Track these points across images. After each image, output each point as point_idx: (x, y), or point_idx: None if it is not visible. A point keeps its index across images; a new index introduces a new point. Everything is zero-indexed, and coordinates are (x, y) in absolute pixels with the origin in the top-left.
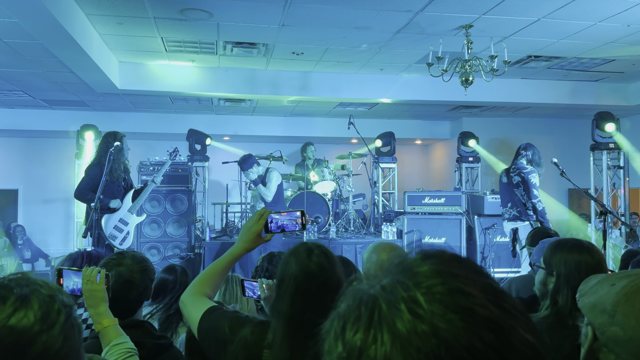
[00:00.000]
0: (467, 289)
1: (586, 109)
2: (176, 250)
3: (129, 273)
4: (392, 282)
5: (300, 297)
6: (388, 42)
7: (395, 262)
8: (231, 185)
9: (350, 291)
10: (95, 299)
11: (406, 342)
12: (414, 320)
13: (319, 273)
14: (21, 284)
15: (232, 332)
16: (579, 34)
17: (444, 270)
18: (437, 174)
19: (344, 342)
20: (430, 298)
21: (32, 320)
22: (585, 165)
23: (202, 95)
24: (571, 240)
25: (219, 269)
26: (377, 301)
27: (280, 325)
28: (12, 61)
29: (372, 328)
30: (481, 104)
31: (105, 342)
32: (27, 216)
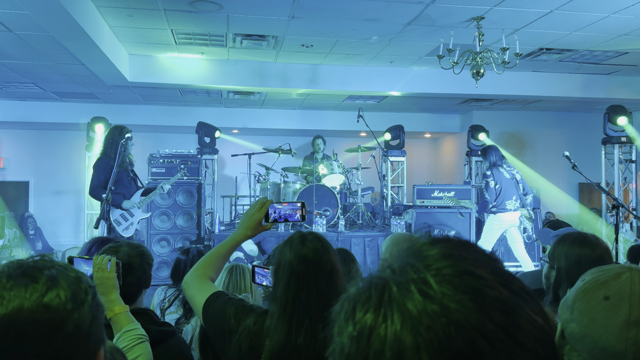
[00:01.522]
0: (477, 271)
1: (598, 102)
2: (186, 242)
3: (126, 257)
4: (402, 265)
5: (295, 280)
6: (398, 34)
7: (404, 247)
8: (240, 178)
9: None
10: (106, 286)
11: (416, 322)
12: (424, 300)
13: (313, 256)
14: (47, 265)
15: (237, 321)
16: (591, 26)
17: (453, 253)
18: (446, 168)
19: (354, 321)
20: (440, 279)
21: (64, 299)
22: (596, 159)
23: (212, 87)
24: (574, 234)
25: (222, 253)
26: (387, 283)
27: (277, 308)
28: (24, 53)
29: (382, 308)
30: (492, 97)
31: (117, 328)
32: (38, 208)
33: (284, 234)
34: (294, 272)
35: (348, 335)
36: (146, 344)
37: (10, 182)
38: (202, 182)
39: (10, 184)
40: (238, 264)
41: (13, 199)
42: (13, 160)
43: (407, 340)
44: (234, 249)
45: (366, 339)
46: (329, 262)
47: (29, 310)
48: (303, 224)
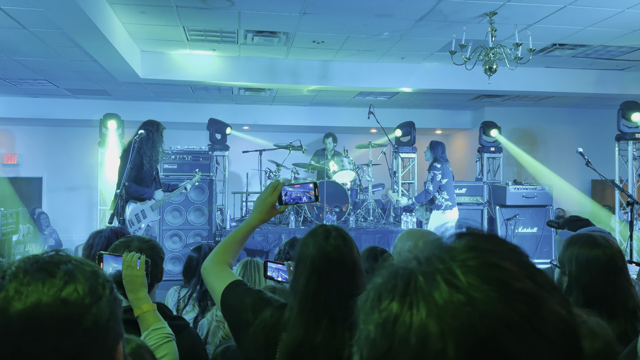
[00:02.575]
0: (502, 263)
1: (611, 98)
2: (197, 238)
3: (138, 250)
4: (428, 256)
5: (316, 278)
6: (410, 29)
7: (430, 240)
8: (251, 175)
9: (386, 267)
10: (135, 284)
11: (442, 310)
12: (450, 290)
13: (336, 255)
14: (63, 260)
15: (254, 313)
16: (606, 21)
17: (479, 246)
18: (457, 164)
19: (380, 309)
20: (466, 270)
21: (82, 293)
22: (610, 155)
23: (223, 84)
24: (584, 236)
25: (238, 238)
26: (413, 273)
27: (296, 304)
28: (37, 50)
29: (408, 296)
30: (504, 93)
31: (145, 326)
32: (51, 204)
33: (294, 230)
34: (315, 269)
35: (374, 322)
36: (173, 343)
37: (24, 178)
38: (214, 179)
39: (24, 180)
40: (252, 258)
41: (27, 194)
42: (26, 157)
43: (432, 328)
44: (249, 234)
45: (391, 325)
46: (351, 262)
47: (47, 305)
48: (314, 220)
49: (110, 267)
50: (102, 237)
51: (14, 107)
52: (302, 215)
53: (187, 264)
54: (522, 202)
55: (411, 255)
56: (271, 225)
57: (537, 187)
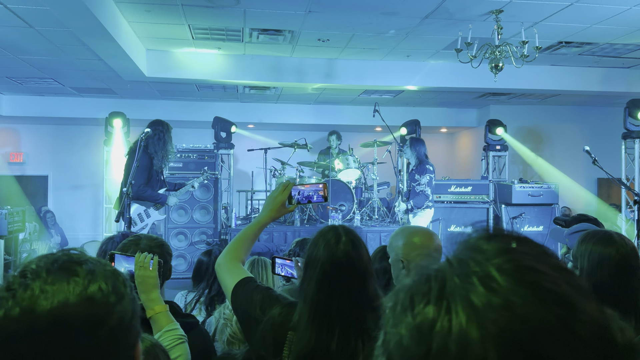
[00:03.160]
0: (538, 266)
1: (618, 96)
2: (203, 236)
3: (147, 249)
4: (461, 259)
5: (327, 284)
6: (415, 27)
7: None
8: (256, 173)
9: (415, 268)
10: (147, 285)
11: (482, 315)
12: (487, 293)
13: (346, 262)
14: (82, 259)
15: (262, 310)
16: (612, 18)
17: (513, 248)
18: (462, 163)
19: (414, 313)
20: (502, 273)
21: (106, 292)
22: (616, 154)
23: (228, 83)
24: (600, 232)
25: (250, 234)
26: (448, 275)
27: (307, 309)
28: (43, 49)
29: (444, 300)
30: (509, 91)
31: (157, 327)
32: (57, 202)
33: (299, 229)
34: (326, 275)
35: (406, 327)
36: (185, 344)
37: (30, 177)
38: (219, 177)
39: (30, 178)
40: (260, 257)
41: (32, 192)
42: (32, 155)
43: (473, 334)
44: (260, 231)
45: (428, 331)
46: (362, 267)
47: (74, 305)
48: (319, 218)
49: (122, 268)
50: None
51: (20, 106)
52: (307, 213)
53: (196, 268)
54: (527, 200)
55: (439, 259)
56: (277, 223)
57: (543, 186)
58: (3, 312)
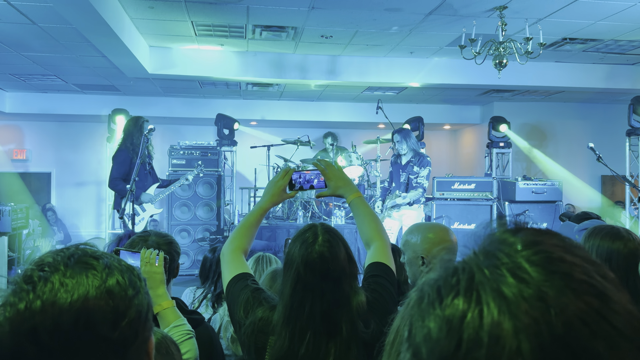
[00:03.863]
0: (569, 258)
1: (622, 93)
2: (206, 233)
3: (156, 245)
4: (487, 251)
5: (301, 287)
6: (419, 24)
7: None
8: (259, 170)
9: (439, 262)
10: (154, 280)
11: (514, 306)
12: (518, 284)
13: (320, 263)
14: (97, 254)
15: (245, 313)
16: (617, 15)
17: (539, 240)
18: (465, 160)
19: (442, 305)
20: (532, 264)
21: (124, 285)
22: (620, 151)
23: (231, 79)
24: (606, 227)
25: (253, 221)
26: (475, 267)
27: (282, 312)
28: (46, 46)
29: (473, 291)
30: (513, 88)
31: (165, 323)
32: (60, 199)
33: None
34: (300, 278)
35: (435, 319)
36: (194, 340)
37: (33, 173)
38: (222, 174)
39: (33, 175)
40: (265, 254)
41: (36, 189)
42: (35, 152)
43: (506, 325)
44: (262, 217)
45: (458, 323)
46: (337, 269)
47: (95, 297)
48: (322, 215)
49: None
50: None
51: (23, 103)
52: (310, 210)
53: (202, 265)
54: (531, 197)
55: (466, 250)
56: (279, 220)
57: (547, 183)
58: (24, 305)
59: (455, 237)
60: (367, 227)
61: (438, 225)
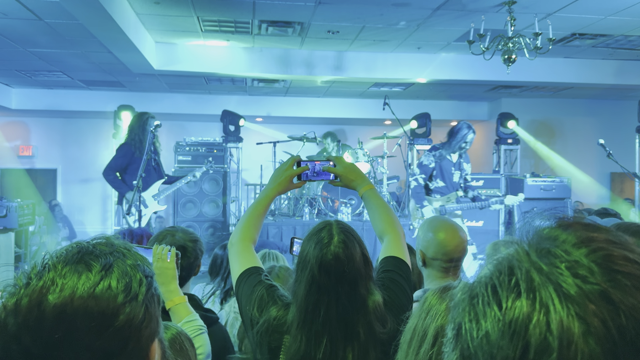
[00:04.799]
0: (629, 255)
1: (632, 89)
2: (211, 230)
3: (182, 241)
4: (540, 249)
5: (316, 289)
6: (427, 19)
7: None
8: (265, 167)
9: (489, 260)
10: (166, 276)
11: (582, 308)
12: (582, 283)
13: (335, 265)
14: (105, 252)
15: (259, 311)
16: (628, 9)
17: (595, 237)
18: (473, 156)
19: (502, 307)
20: (593, 262)
21: (115, 291)
22: (630, 147)
23: (237, 75)
24: (633, 226)
25: (260, 210)
26: (532, 265)
27: (297, 313)
28: (53, 42)
29: (536, 291)
30: (521, 84)
31: (177, 319)
32: (66, 195)
33: (308, 223)
34: (314, 280)
35: (493, 322)
36: (205, 335)
37: (39, 170)
38: (228, 171)
39: (39, 172)
40: (271, 250)
41: (42, 186)
42: (41, 148)
43: (576, 328)
44: (269, 205)
45: (523, 326)
46: (352, 271)
47: (80, 300)
48: (329, 212)
49: None
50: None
51: (29, 99)
52: (317, 207)
53: (212, 262)
54: (540, 194)
55: (517, 247)
56: (285, 217)
57: (555, 180)
58: (14, 301)
59: (460, 240)
60: (380, 219)
61: (446, 224)
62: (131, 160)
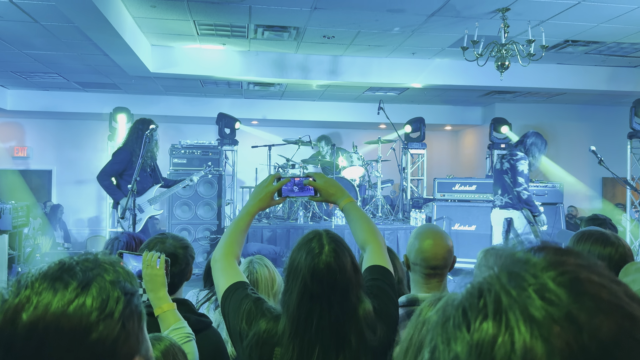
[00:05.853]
0: (595, 278)
1: (624, 95)
2: (206, 233)
3: (172, 248)
4: (511, 272)
5: (308, 298)
6: (421, 25)
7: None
8: (260, 170)
9: (459, 282)
10: (155, 283)
11: (545, 329)
12: (547, 306)
13: (327, 274)
14: (87, 268)
15: (248, 324)
16: (619, 18)
17: (565, 260)
18: (466, 161)
19: (470, 329)
20: (560, 285)
21: (89, 309)
22: (622, 153)
23: (232, 79)
24: (596, 233)
25: (242, 226)
26: (502, 288)
27: (289, 323)
28: (48, 44)
29: (502, 314)
30: (515, 90)
31: (165, 326)
32: (61, 196)
33: (302, 226)
34: (307, 289)
35: (463, 344)
36: (193, 342)
37: (34, 171)
38: (223, 174)
39: (34, 173)
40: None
41: (37, 187)
42: (37, 149)
43: (538, 349)
44: (251, 221)
45: (489, 347)
46: (343, 280)
47: (53, 317)
48: (323, 215)
49: (130, 266)
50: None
51: (25, 100)
52: (311, 210)
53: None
54: None
55: (484, 273)
56: (279, 220)
57: (548, 185)
58: None
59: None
60: (360, 230)
61: (434, 234)
62: (128, 166)
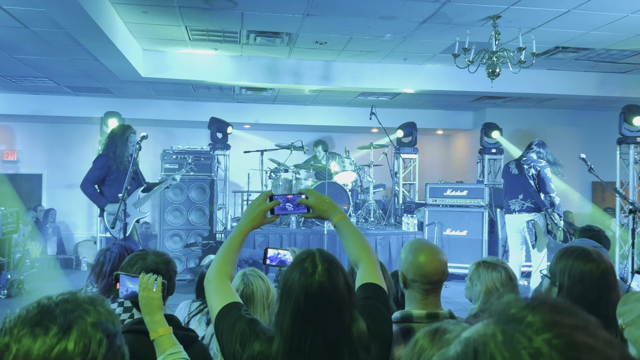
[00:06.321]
0: (589, 342)
1: (614, 101)
2: (198, 238)
3: (154, 265)
4: (506, 331)
5: (302, 318)
6: (413, 32)
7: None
8: (252, 174)
9: (458, 339)
10: (151, 306)
11: None
12: None
13: (320, 294)
14: (67, 310)
15: (242, 346)
16: (609, 25)
17: (559, 320)
18: (458, 165)
19: None
20: (553, 349)
21: (72, 354)
22: (611, 158)
23: (225, 84)
24: (578, 249)
25: (235, 245)
26: (496, 349)
27: (282, 344)
28: (39, 49)
29: None
30: (506, 95)
31: (161, 350)
32: (51, 200)
33: (295, 231)
34: (300, 309)
35: None
36: None
37: (24, 175)
38: (215, 179)
39: (24, 177)
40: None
41: (27, 191)
42: (27, 153)
43: None
44: (244, 240)
45: None
46: (337, 300)
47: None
48: (315, 221)
49: (126, 288)
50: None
51: (15, 104)
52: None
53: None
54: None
55: (479, 326)
56: (272, 226)
57: None
58: None
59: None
60: (353, 247)
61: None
62: (108, 171)
